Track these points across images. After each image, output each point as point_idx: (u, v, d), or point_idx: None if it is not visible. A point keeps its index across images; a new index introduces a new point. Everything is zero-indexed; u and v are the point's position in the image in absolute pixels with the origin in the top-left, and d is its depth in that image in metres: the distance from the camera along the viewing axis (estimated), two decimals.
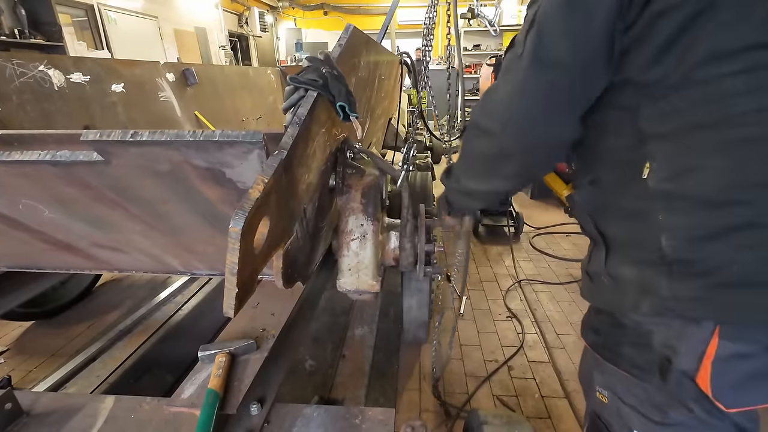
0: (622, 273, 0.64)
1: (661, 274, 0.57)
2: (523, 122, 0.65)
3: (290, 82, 0.79)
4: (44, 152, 0.69)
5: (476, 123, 0.74)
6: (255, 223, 0.58)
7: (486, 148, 0.73)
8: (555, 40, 0.58)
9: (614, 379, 0.70)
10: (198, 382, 0.95)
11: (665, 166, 0.56)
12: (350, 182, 1.04)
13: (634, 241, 0.62)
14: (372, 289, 1.01)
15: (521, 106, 0.64)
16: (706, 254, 0.53)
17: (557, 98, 0.61)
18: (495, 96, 0.69)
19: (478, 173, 0.81)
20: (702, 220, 0.53)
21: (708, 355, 0.55)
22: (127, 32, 5.62)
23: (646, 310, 0.60)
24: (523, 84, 0.63)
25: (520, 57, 0.62)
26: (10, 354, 2.11)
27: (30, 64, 1.82)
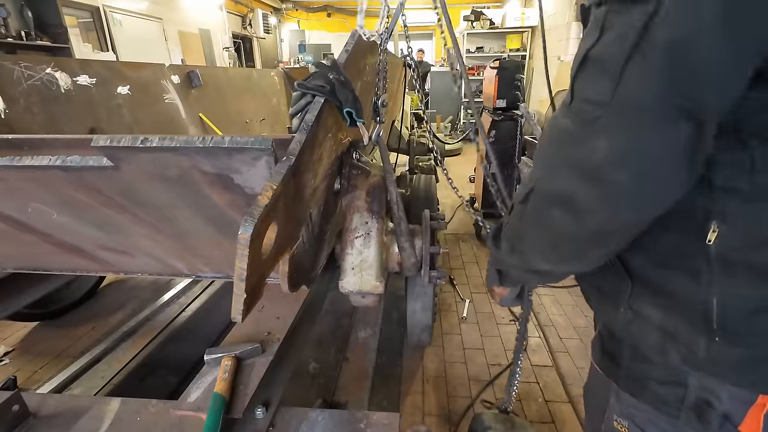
0: (647, 313, 0.57)
1: (700, 333, 0.52)
2: (636, 192, 0.45)
3: (298, 87, 0.79)
4: (54, 157, 0.70)
5: (555, 188, 0.51)
6: (263, 229, 0.59)
7: (569, 228, 0.51)
8: (695, 80, 0.39)
9: (635, 410, 0.65)
10: (204, 386, 0.96)
11: (738, 232, 0.47)
12: (356, 182, 1.05)
13: (671, 292, 0.54)
14: (375, 290, 1.00)
15: (632, 171, 0.43)
16: (759, 328, 0.49)
17: (685, 154, 0.42)
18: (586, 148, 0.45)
19: (555, 253, 0.59)
20: (765, 294, 0.48)
21: (756, 411, 0.53)
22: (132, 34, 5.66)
23: (675, 359, 0.55)
24: (645, 136, 0.41)
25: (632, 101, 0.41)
26: (16, 354, 2.12)
27: (37, 66, 1.83)
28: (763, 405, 0.52)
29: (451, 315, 2.40)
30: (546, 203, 0.53)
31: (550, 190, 0.52)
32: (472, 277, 2.84)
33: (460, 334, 2.22)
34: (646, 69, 0.39)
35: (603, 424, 0.73)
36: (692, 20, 0.37)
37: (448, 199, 4.41)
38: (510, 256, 0.68)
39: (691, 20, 0.37)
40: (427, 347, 2.08)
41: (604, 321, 0.70)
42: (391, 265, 1.15)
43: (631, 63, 0.40)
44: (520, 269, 0.70)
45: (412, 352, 2.03)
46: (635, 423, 0.66)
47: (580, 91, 0.46)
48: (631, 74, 0.40)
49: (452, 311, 2.44)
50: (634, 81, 0.40)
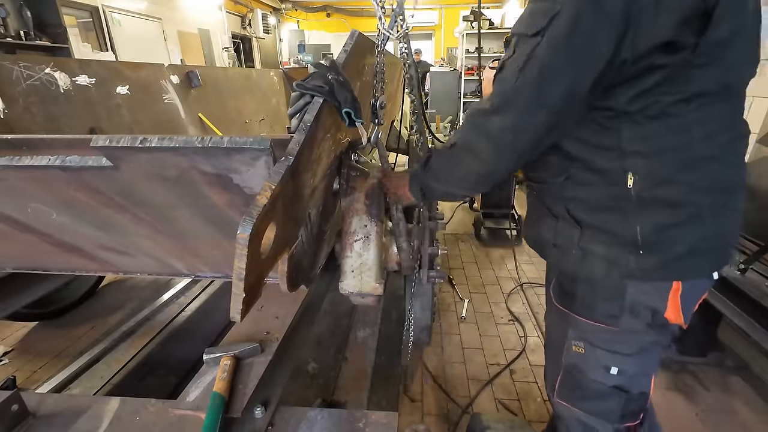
0: (593, 249, 0.81)
1: (630, 252, 0.77)
2: (512, 152, 0.77)
3: (296, 88, 0.79)
4: (54, 157, 0.70)
5: (469, 144, 0.82)
6: (262, 229, 0.59)
7: (474, 167, 0.83)
8: (552, 89, 0.68)
9: (588, 331, 0.88)
10: (203, 385, 0.96)
11: (646, 178, 0.73)
12: (354, 184, 1.05)
13: (607, 229, 0.79)
14: (375, 291, 1.00)
15: (514, 138, 0.74)
16: (665, 238, 0.75)
17: (545, 132, 0.73)
18: (486, 121, 0.76)
19: (463, 184, 0.90)
20: (666, 217, 0.74)
21: (673, 296, 0.79)
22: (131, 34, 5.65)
23: (615, 276, 0.80)
24: (517, 122, 0.72)
25: (515, 90, 0.71)
26: (15, 354, 2.12)
27: (36, 66, 1.83)
28: (677, 290, 0.79)
29: (450, 315, 2.41)
30: (462, 151, 0.83)
31: (466, 143, 0.82)
32: (471, 277, 2.84)
33: (459, 334, 2.22)
34: (528, 79, 0.69)
35: (563, 355, 0.94)
36: (553, 55, 0.66)
37: None
38: (434, 182, 0.95)
39: (552, 55, 0.66)
40: (427, 347, 2.08)
41: (561, 268, 0.92)
42: (390, 265, 1.15)
43: (521, 74, 0.69)
44: (438, 190, 0.97)
45: (412, 352, 2.03)
46: (589, 342, 0.88)
47: (495, 87, 0.75)
48: (520, 81, 0.69)
49: (451, 311, 2.44)
50: (522, 84, 0.69)
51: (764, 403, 1.70)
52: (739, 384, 1.80)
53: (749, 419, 1.64)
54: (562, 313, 0.93)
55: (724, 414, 1.66)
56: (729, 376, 1.84)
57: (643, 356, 0.86)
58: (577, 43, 0.64)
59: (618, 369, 0.87)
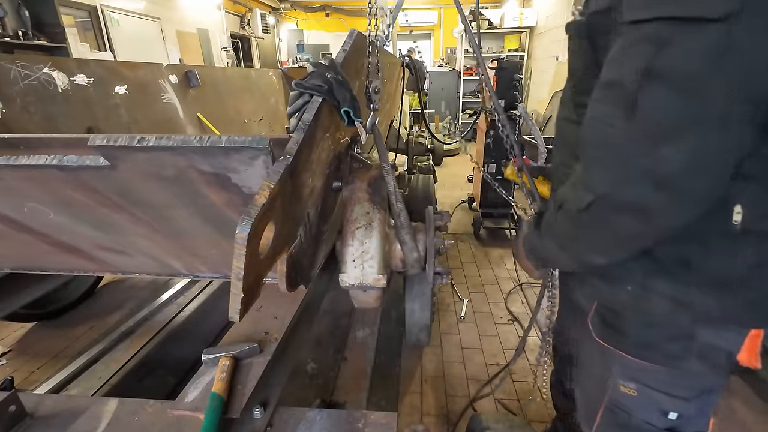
0: (657, 287, 0.67)
1: (708, 292, 0.63)
2: (709, 192, 0.52)
3: (295, 87, 0.79)
4: (51, 157, 0.70)
5: (623, 198, 0.55)
6: (261, 228, 0.59)
7: (637, 229, 0.58)
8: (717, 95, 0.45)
9: (641, 371, 0.76)
10: (202, 386, 0.95)
11: (754, 210, 0.57)
12: (356, 175, 1.04)
13: (686, 264, 0.63)
14: (377, 283, 0.95)
15: (708, 174, 0.50)
16: (758, 276, 0.60)
17: (742, 153, 0.50)
18: (652, 163, 0.50)
19: (618, 251, 0.65)
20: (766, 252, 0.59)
21: (752, 341, 0.67)
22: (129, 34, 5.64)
23: (683, 320, 0.67)
24: (708, 142, 0.47)
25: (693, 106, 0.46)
26: (13, 355, 2.11)
27: (34, 66, 1.83)
28: (758, 334, 0.67)
29: (450, 315, 2.41)
30: (615, 210, 0.57)
31: (621, 200, 0.55)
32: (470, 277, 2.84)
33: (459, 334, 2.22)
34: (722, 85, 0.44)
35: (606, 395, 0.83)
36: (762, 56, 0.43)
37: (447, 199, 4.41)
38: (559, 253, 0.75)
39: (762, 56, 0.43)
40: (426, 347, 2.08)
41: (604, 300, 0.78)
42: (394, 263, 1.12)
43: (707, 78, 0.45)
44: (569, 263, 0.79)
45: (411, 352, 2.03)
46: (644, 384, 0.76)
47: (647, 103, 0.48)
48: (707, 88, 0.45)
49: (450, 311, 2.44)
50: (711, 95, 0.45)
51: (763, 402, 1.70)
52: (737, 383, 1.80)
53: (748, 418, 1.64)
54: (603, 348, 0.80)
55: (722, 413, 1.66)
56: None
57: (703, 398, 0.76)
58: None
59: (677, 414, 0.76)
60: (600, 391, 0.85)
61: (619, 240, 0.62)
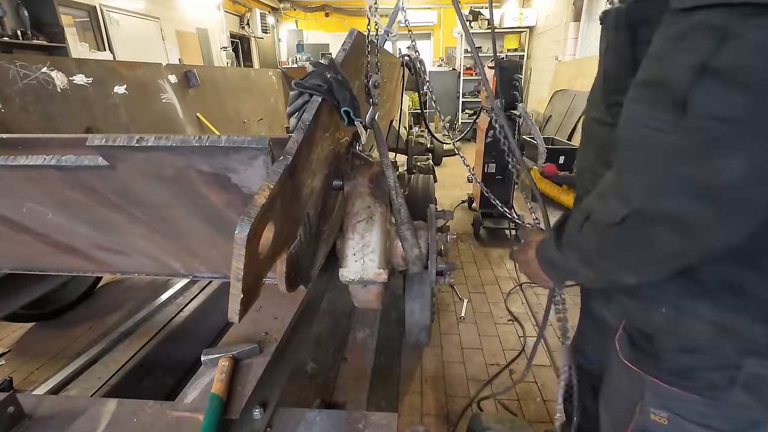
0: (695, 310, 0.61)
1: (757, 321, 0.57)
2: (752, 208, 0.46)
3: (295, 87, 0.79)
4: (49, 157, 0.70)
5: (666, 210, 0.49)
6: (260, 229, 0.58)
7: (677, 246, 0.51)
8: None
9: (675, 400, 0.69)
10: (201, 387, 0.95)
11: None
12: (358, 171, 1.03)
13: (731, 288, 0.58)
14: (378, 278, 0.94)
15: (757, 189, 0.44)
16: None
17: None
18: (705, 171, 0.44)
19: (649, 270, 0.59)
20: None
21: None
22: (129, 33, 5.63)
23: (727, 349, 0.60)
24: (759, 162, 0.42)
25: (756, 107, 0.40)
26: (12, 355, 2.11)
27: (33, 65, 1.82)
28: None
29: (450, 315, 2.40)
30: (652, 225, 0.51)
31: (659, 211, 0.49)
32: (470, 277, 2.84)
33: (459, 334, 2.22)
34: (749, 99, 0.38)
35: (634, 419, 0.75)
36: None
37: (447, 198, 4.41)
38: (583, 268, 0.68)
39: None
40: (426, 347, 2.07)
41: (634, 320, 0.71)
42: (395, 260, 1.11)
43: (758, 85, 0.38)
44: (594, 280, 0.71)
45: (411, 352, 2.03)
46: (677, 413, 0.69)
47: (701, 105, 0.42)
48: None
49: (450, 311, 2.44)
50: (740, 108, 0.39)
51: None
52: None
53: None
54: (632, 371, 0.73)
55: None
56: None
57: None
58: None
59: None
60: (628, 415, 0.77)
61: (657, 258, 0.55)
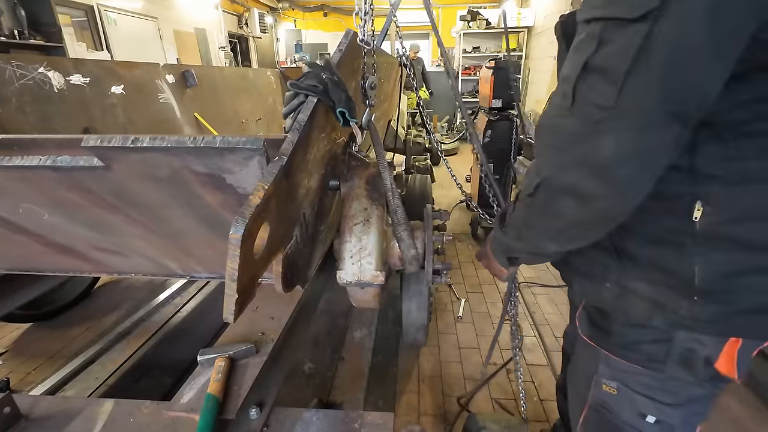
0: (634, 287, 0.67)
1: (682, 296, 0.63)
2: (641, 179, 0.54)
3: (290, 87, 0.79)
4: (45, 157, 0.70)
5: (567, 185, 0.57)
6: (255, 229, 0.58)
7: (581, 214, 0.59)
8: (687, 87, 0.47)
9: (623, 371, 0.75)
10: (197, 387, 0.95)
11: (720, 211, 0.57)
12: (355, 172, 1.03)
13: (656, 265, 0.65)
14: (375, 280, 0.95)
15: (641, 162, 0.52)
16: (731, 287, 0.60)
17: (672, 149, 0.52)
18: (589, 150, 0.53)
19: (567, 237, 0.66)
20: (737, 261, 0.59)
21: (729, 349, 0.65)
22: (126, 33, 5.62)
23: (659, 322, 0.66)
24: (642, 137, 0.50)
25: (628, 96, 0.49)
26: (9, 356, 2.11)
27: (30, 65, 1.82)
28: (735, 342, 0.65)
29: (447, 314, 2.41)
30: (556, 195, 0.60)
31: (560, 183, 0.58)
32: (467, 277, 2.85)
33: (456, 334, 2.22)
34: (646, 80, 0.47)
35: (589, 391, 0.83)
36: (683, 43, 0.45)
37: (444, 198, 4.41)
38: (517, 242, 0.76)
39: (682, 43, 0.45)
40: (423, 347, 2.08)
41: (590, 299, 0.79)
42: (392, 261, 1.10)
43: (632, 74, 0.48)
44: (527, 252, 0.79)
45: (408, 352, 2.03)
46: (625, 384, 0.76)
47: (584, 95, 0.52)
48: (632, 83, 0.48)
49: (448, 311, 2.44)
50: (636, 90, 0.48)
51: (757, 400, 1.71)
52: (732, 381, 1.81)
53: (743, 416, 1.65)
54: (590, 346, 0.81)
55: (717, 411, 1.67)
56: None
57: (688, 407, 0.74)
58: (722, 16, 0.44)
59: (656, 419, 0.75)
60: (586, 389, 0.85)
61: (565, 225, 0.63)
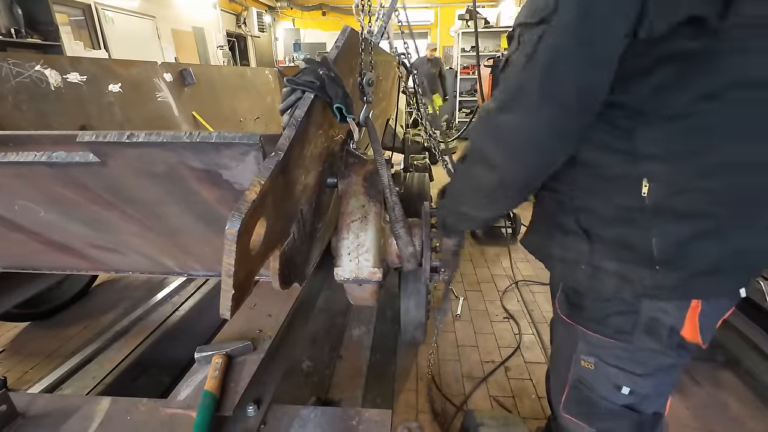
0: (604, 266, 0.74)
1: (645, 268, 0.70)
2: (527, 155, 0.67)
3: (287, 83, 0.79)
4: (40, 153, 0.69)
5: (479, 150, 0.72)
6: (251, 224, 0.58)
7: (486, 179, 0.73)
8: (564, 78, 0.58)
9: (599, 347, 0.82)
10: (194, 384, 0.95)
11: (663, 186, 0.65)
12: (353, 169, 1.03)
13: (620, 243, 0.72)
14: (373, 276, 0.95)
15: (527, 140, 0.65)
16: (684, 253, 0.68)
17: (564, 132, 0.64)
18: (493, 122, 0.68)
19: (478, 201, 0.81)
20: (686, 229, 0.66)
21: (691, 314, 0.73)
22: (124, 32, 5.60)
23: (627, 295, 0.73)
24: (529, 118, 0.63)
25: (523, 82, 0.62)
26: (6, 355, 2.10)
27: (26, 63, 1.81)
28: (695, 307, 0.72)
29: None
30: (473, 161, 0.75)
31: (477, 152, 0.74)
32: (466, 275, 2.85)
33: (454, 332, 2.22)
34: (534, 69, 0.60)
35: (569, 371, 0.90)
36: (562, 39, 0.57)
37: None
38: (446, 203, 0.90)
39: (562, 38, 0.57)
40: (421, 345, 2.08)
41: (567, 282, 0.86)
42: (390, 258, 1.10)
43: (528, 65, 0.60)
44: (456, 215, 0.90)
45: (406, 350, 2.03)
46: (600, 358, 0.83)
47: (501, 83, 0.67)
48: (528, 72, 0.61)
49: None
50: (528, 78, 0.61)
51: (755, 397, 1.72)
52: (730, 379, 1.82)
53: (740, 414, 1.65)
54: (569, 325, 0.87)
55: (715, 408, 1.67)
56: (720, 370, 1.85)
57: (657, 377, 0.80)
58: (590, 24, 0.55)
59: (630, 390, 0.81)
60: (566, 370, 0.91)
61: (477, 185, 0.76)
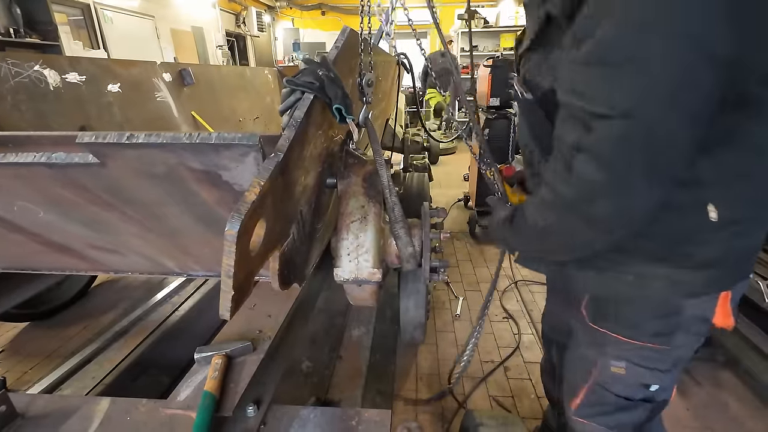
0: (652, 272, 0.77)
1: (697, 270, 0.74)
2: (638, 211, 0.63)
3: (287, 84, 0.79)
4: (39, 154, 0.69)
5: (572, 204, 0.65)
6: (251, 225, 0.58)
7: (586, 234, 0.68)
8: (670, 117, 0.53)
9: (630, 351, 0.85)
10: (194, 384, 0.95)
11: (725, 205, 0.68)
12: (352, 169, 1.03)
13: (675, 254, 0.75)
14: (372, 277, 0.95)
15: (624, 222, 0.63)
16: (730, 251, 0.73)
17: (671, 176, 0.60)
18: (588, 214, 0.63)
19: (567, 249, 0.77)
20: (735, 232, 0.71)
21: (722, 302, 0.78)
22: (123, 32, 5.60)
23: (678, 296, 0.78)
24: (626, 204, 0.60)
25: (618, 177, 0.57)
26: (5, 355, 2.10)
27: (25, 63, 1.81)
28: (726, 296, 0.78)
29: (445, 313, 2.41)
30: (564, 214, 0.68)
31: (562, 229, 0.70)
32: (465, 275, 2.85)
33: (454, 332, 2.23)
34: (628, 160, 0.57)
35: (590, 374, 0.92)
36: (655, 132, 0.54)
37: (442, 197, 4.42)
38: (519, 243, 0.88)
39: (655, 132, 0.54)
40: (421, 345, 2.08)
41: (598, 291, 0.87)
42: (389, 258, 1.11)
43: (616, 154, 0.58)
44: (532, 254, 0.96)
45: (406, 350, 2.03)
46: (631, 361, 0.85)
47: (581, 170, 0.61)
48: (617, 163, 0.58)
49: (446, 309, 2.45)
50: (621, 167, 0.58)
51: (755, 397, 1.72)
52: (730, 379, 1.82)
53: (740, 414, 1.65)
54: (595, 332, 0.89)
55: (715, 408, 1.68)
56: (720, 371, 1.86)
57: (678, 368, 0.87)
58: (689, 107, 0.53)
59: (657, 386, 0.87)
60: (586, 373, 0.93)
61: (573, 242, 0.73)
